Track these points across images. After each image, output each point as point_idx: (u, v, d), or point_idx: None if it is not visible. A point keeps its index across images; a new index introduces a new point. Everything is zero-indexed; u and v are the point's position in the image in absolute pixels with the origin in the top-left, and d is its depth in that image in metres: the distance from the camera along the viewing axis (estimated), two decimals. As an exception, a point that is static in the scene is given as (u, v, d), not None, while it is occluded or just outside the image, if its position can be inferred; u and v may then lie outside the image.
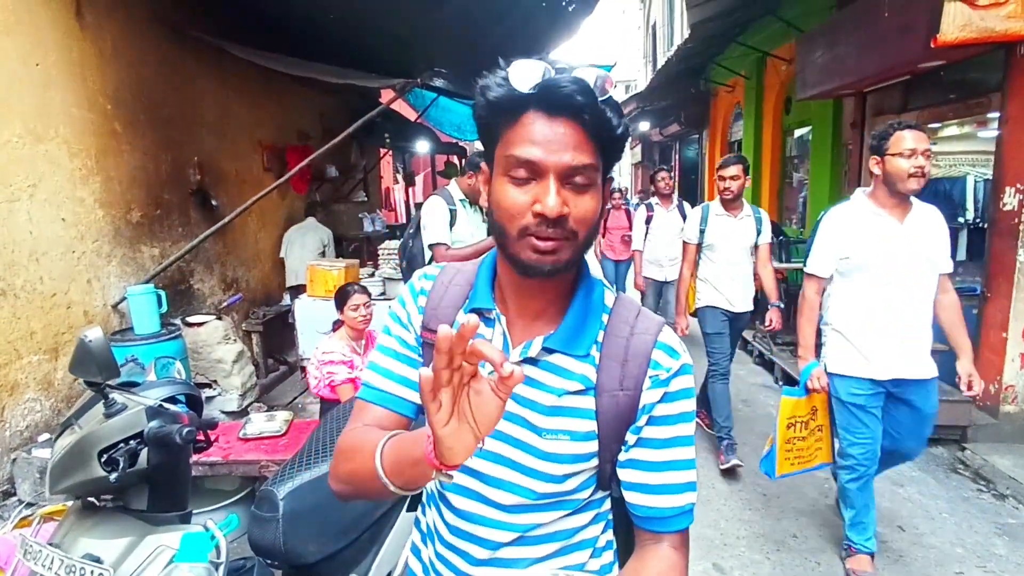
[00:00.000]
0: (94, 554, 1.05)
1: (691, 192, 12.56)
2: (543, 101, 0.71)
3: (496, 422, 0.62)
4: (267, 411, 3.22)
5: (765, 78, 7.82)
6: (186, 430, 1.03)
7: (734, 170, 3.34)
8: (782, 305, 3.62)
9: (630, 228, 5.64)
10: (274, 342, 5.04)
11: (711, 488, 3.29)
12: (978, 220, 4.87)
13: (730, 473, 3.42)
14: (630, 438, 0.81)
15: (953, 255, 2.41)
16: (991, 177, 4.02)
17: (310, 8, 3.89)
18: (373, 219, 7.31)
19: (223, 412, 3.80)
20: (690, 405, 0.83)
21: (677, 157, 13.71)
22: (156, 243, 3.82)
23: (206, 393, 3.62)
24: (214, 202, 4.33)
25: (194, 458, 2.49)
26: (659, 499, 0.81)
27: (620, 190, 7.84)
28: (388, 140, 6.49)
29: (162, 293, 3.32)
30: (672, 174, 14.60)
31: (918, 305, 2.31)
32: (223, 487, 2.90)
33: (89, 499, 1.18)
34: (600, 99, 0.71)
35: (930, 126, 5.12)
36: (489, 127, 0.77)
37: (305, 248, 5.27)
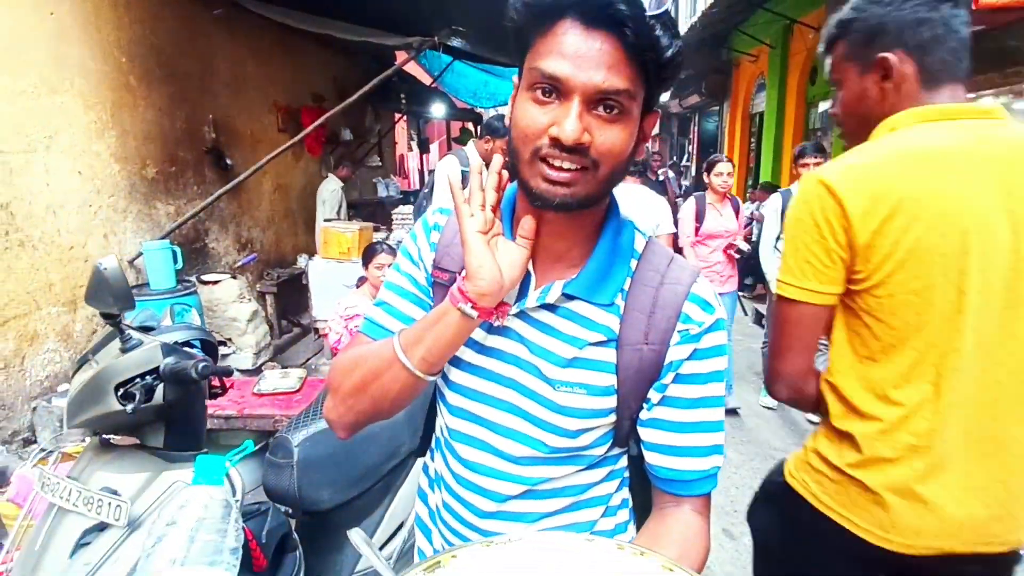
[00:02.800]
0: (111, 487, 1.06)
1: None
2: (581, 7, 0.61)
3: (520, 269, 0.66)
4: (282, 369, 3.25)
5: (791, 46, 7.59)
6: (202, 364, 1.02)
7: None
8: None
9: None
10: (288, 304, 5.06)
11: (724, 459, 3.28)
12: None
13: (731, 414, 3.52)
14: (654, 396, 0.74)
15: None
16: None
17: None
18: (387, 184, 7.27)
19: (238, 370, 3.84)
20: (722, 363, 0.75)
21: (696, 129, 13.46)
22: (171, 200, 3.82)
23: (221, 351, 3.66)
24: (229, 161, 4.31)
25: (209, 410, 2.53)
26: (683, 461, 0.74)
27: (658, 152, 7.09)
28: (404, 101, 6.40)
29: (178, 249, 3.33)
30: (690, 149, 14.23)
31: None
32: (238, 441, 2.93)
33: (106, 437, 1.18)
34: (650, 13, 0.60)
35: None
36: (520, 33, 0.67)
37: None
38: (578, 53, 0.61)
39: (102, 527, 1.04)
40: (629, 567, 0.60)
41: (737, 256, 3.69)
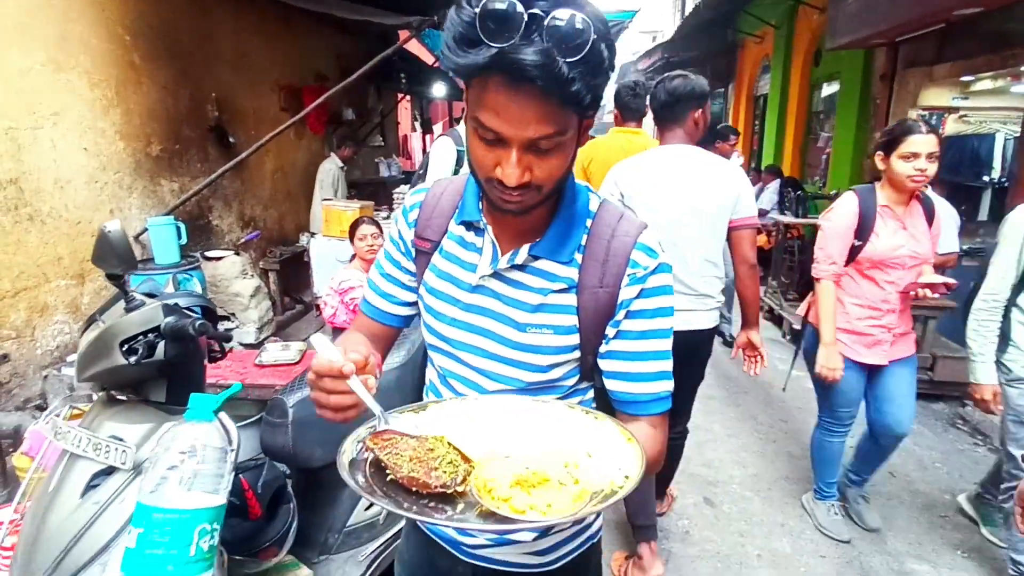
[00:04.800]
0: (118, 435, 1.15)
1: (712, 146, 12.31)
2: (505, 70, 0.67)
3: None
4: (283, 342, 3.35)
5: (796, 27, 7.54)
6: (199, 323, 1.11)
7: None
8: None
9: None
10: (290, 281, 5.16)
11: (707, 431, 3.38)
12: (1003, 179, 4.75)
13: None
14: (610, 331, 0.87)
15: (975, 216, 2.35)
16: (1020, 133, 3.90)
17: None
18: (389, 164, 7.32)
19: (241, 344, 3.95)
20: (667, 301, 0.87)
21: (701, 112, 13.35)
22: (176, 177, 3.90)
23: (225, 325, 3.76)
24: (232, 139, 4.38)
25: (213, 379, 2.63)
26: (637, 386, 0.87)
27: None
28: (404, 81, 6.42)
29: (182, 225, 3.41)
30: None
31: None
32: (242, 411, 3.04)
33: (113, 392, 1.28)
34: (569, 62, 0.66)
35: (963, 79, 4.95)
36: (461, 79, 0.76)
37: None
38: (509, 112, 0.70)
39: (110, 471, 1.13)
40: (587, 423, 0.76)
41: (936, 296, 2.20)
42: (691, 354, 2.12)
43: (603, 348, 0.88)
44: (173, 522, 0.80)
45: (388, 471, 0.67)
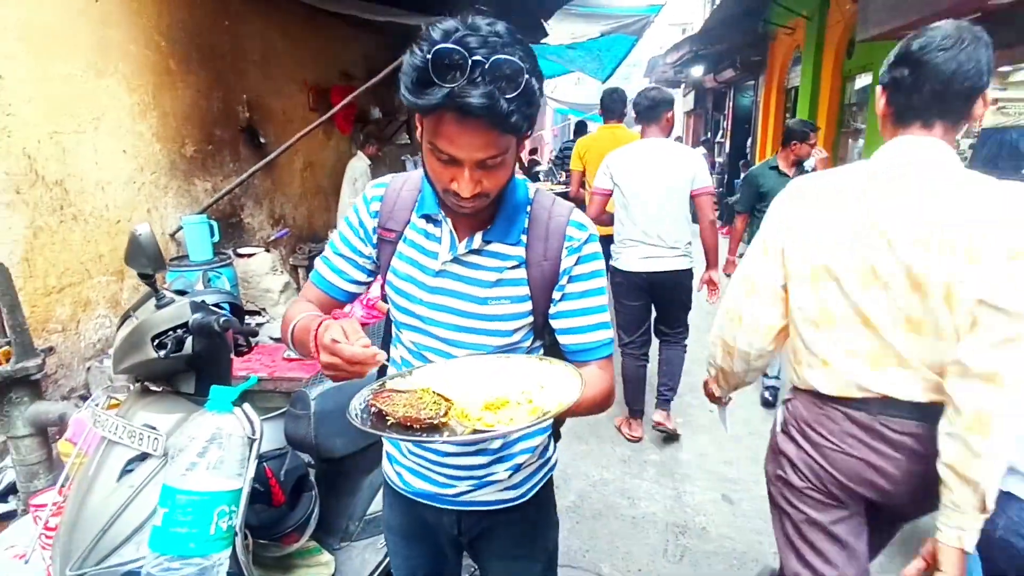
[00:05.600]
0: (151, 424, 1.23)
1: (742, 143, 12.11)
2: (454, 108, 0.80)
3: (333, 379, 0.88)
4: (310, 337, 3.46)
5: (828, 18, 7.37)
6: (223, 319, 1.18)
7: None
8: None
9: None
10: (319, 277, 5.27)
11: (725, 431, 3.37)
12: (1044, 172, 4.58)
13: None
14: (556, 295, 1.04)
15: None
16: (1061, 125, 3.76)
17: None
18: (415, 161, 7.41)
19: (271, 338, 4.08)
20: (599, 264, 1.06)
21: (731, 105, 13.16)
22: (209, 177, 4.04)
23: (256, 320, 3.89)
24: (262, 139, 4.51)
25: (243, 372, 2.74)
26: (584, 336, 1.05)
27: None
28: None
29: (215, 223, 3.54)
30: (724, 125, 13.92)
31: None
32: (271, 403, 3.16)
33: (146, 383, 1.36)
34: (507, 98, 0.79)
35: (1000, 69, 4.79)
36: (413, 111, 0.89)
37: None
38: (460, 140, 0.85)
39: (143, 457, 1.22)
40: (541, 367, 0.93)
41: None
42: (673, 287, 3.08)
43: (552, 310, 1.05)
44: (195, 503, 0.87)
45: (388, 417, 0.83)
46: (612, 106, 3.83)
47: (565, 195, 5.06)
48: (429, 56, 0.78)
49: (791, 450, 1.34)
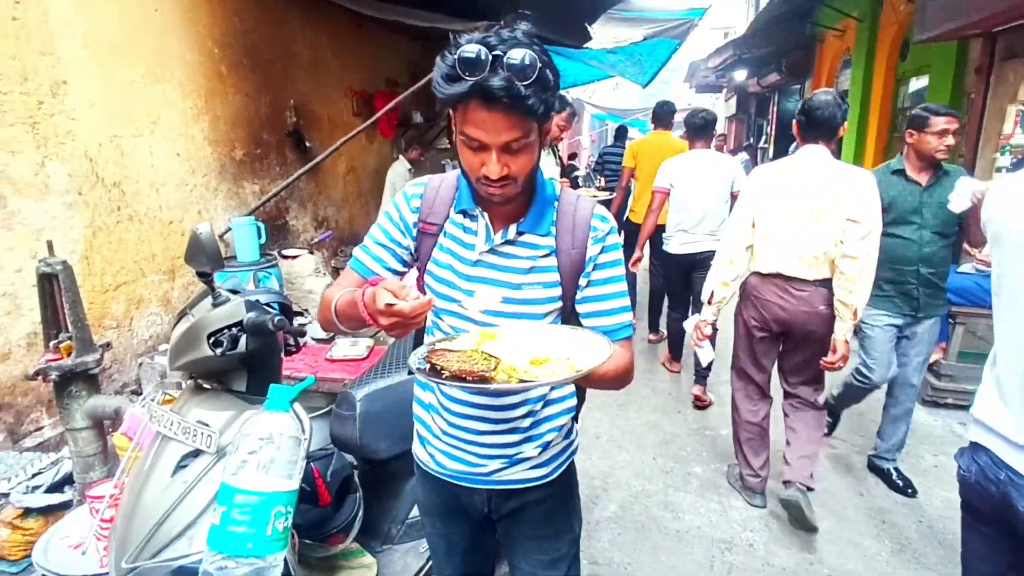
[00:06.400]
0: (204, 421, 1.25)
1: (787, 149, 11.80)
2: (480, 95, 0.93)
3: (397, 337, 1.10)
4: (352, 338, 3.49)
5: (881, 19, 7.13)
6: (277, 318, 1.19)
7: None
8: None
9: None
10: (360, 280, 5.34)
11: (774, 440, 3.26)
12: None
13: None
14: (583, 282, 1.14)
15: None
16: None
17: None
18: (455, 165, 7.43)
19: (314, 339, 4.14)
20: (619, 254, 1.17)
21: (775, 109, 12.85)
22: (256, 180, 4.14)
23: (299, 320, 3.96)
24: (308, 144, 4.60)
25: (287, 372, 2.78)
26: (607, 319, 1.15)
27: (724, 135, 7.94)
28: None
29: (262, 225, 3.61)
30: (768, 130, 13.60)
31: None
32: (314, 403, 3.20)
33: (200, 380, 1.38)
34: (524, 87, 0.91)
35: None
36: (450, 108, 1.01)
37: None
38: (486, 124, 0.96)
39: (196, 453, 1.23)
40: (575, 334, 1.04)
41: None
42: (705, 264, 3.30)
43: (579, 295, 1.15)
44: (253, 503, 0.86)
45: (443, 370, 0.90)
46: (663, 116, 4.72)
47: (607, 203, 5.03)
48: (456, 56, 0.92)
49: (748, 303, 2.58)
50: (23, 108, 2.55)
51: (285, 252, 4.15)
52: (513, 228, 1.12)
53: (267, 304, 1.49)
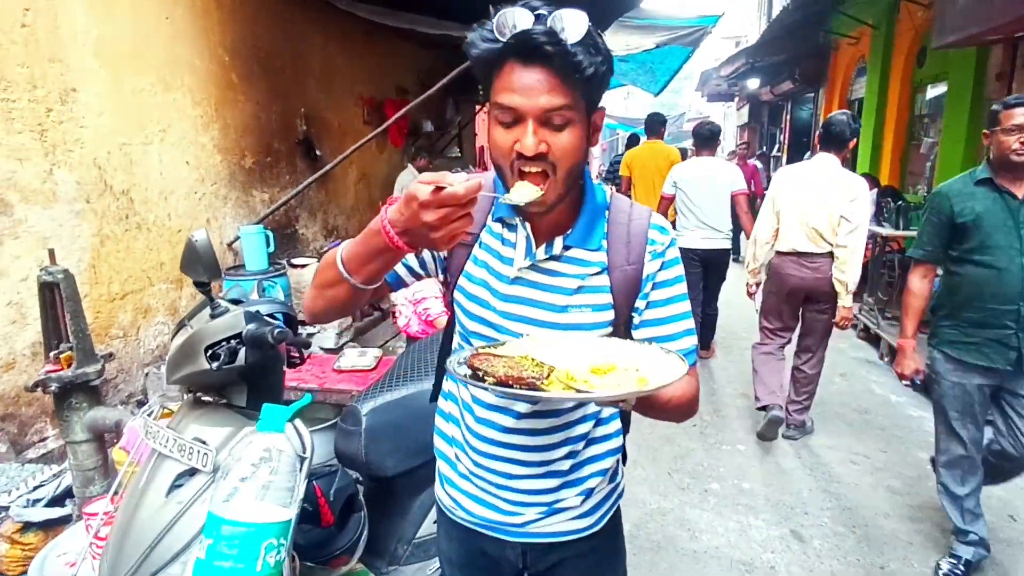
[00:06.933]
0: (201, 438, 1.19)
1: (801, 158, 11.69)
2: (517, 51, 0.80)
3: (447, 245, 0.77)
4: (360, 348, 3.44)
5: (897, 26, 7.03)
6: (277, 331, 1.13)
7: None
8: None
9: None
10: (369, 289, 5.31)
11: (795, 457, 3.15)
12: None
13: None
14: (640, 304, 0.98)
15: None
16: None
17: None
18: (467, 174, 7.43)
19: (321, 348, 4.09)
20: (680, 269, 1.01)
21: (788, 118, 12.75)
22: (266, 188, 4.11)
23: (307, 330, 3.91)
24: (318, 152, 4.57)
25: (293, 383, 2.72)
26: (670, 345, 0.95)
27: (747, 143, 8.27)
28: (482, 92, 6.49)
29: (270, 234, 3.58)
30: (781, 138, 13.54)
31: None
32: (320, 415, 3.14)
33: (198, 394, 1.32)
34: (571, 43, 0.78)
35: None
36: (482, 79, 0.87)
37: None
38: (523, 86, 0.81)
39: (192, 472, 1.17)
40: (642, 348, 0.88)
41: None
42: (716, 262, 4.34)
43: (636, 319, 0.99)
44: (241, 535, 0.80)
45: (488, 377, 0.77)
46: (654, 127, 5.13)
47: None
48: (494, 18, 0.80)
49: (772, 278, 3.29)
50: (31, 115, 2.53)
51: (294, 261, 4.11)
52: (559, 241, 0.96)
53: (271, 314, 1.43)
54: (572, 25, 0.78)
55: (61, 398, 1.84)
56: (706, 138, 4.33)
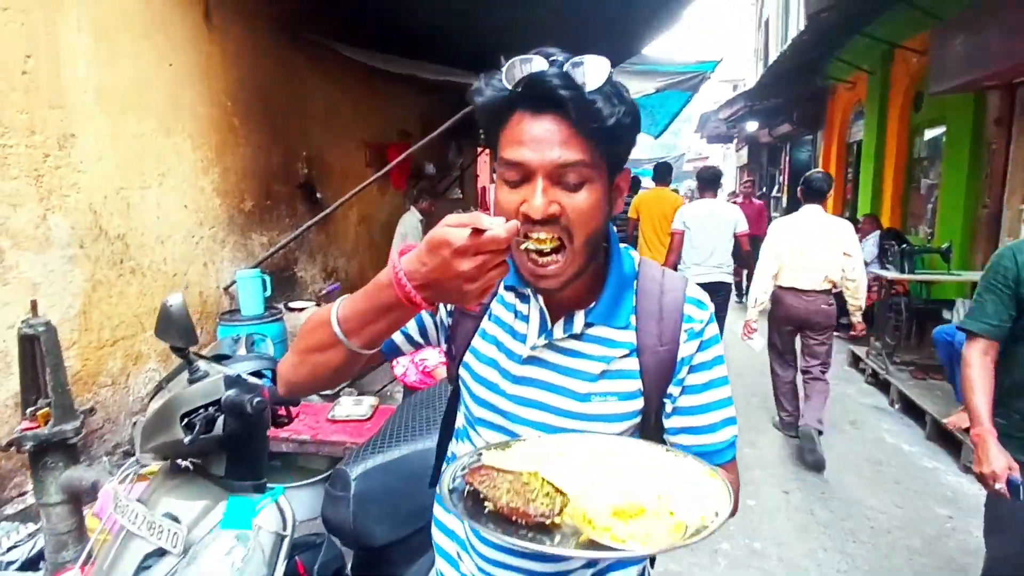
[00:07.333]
0: (173, 513, 1.10)
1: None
2: (527, 98, 0.71)
3: (479, 299, 0.66)
4: (356, 396, 3.34)
5: (892, 72, 7.14)
6: (256, 399, 1.05)
7: None
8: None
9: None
10: (368, 331, 5.22)
11: (807, 512, 3.01)
12: None
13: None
14: (674, 390, 0.85)
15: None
16: None
17: (413, 7, 4.00)
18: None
19: (318, 395, 3.99)
20: (720, 349, 0.88)
21: (787, 159, 12.88)
22: (265, 231, 4.08)
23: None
24: (319, 195, 4.57)
25: (285, 433, 2.62)
26: (707, 437, 0.86)
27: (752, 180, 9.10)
28: (484, 135, 6.55)
29: (267, 278, 3.53)
30: (780, 179, 13.65)
31: None
32: (314, 465, 3.03)
33: (176, 461, 1.24)
34: (589, 89, 0.69)
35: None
36: (488, 134, 0.78)
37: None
38: (533, 137, 0.71)
39: (162, 552, 1.08)
40: (671, 460, 0.75)
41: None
42: (719, 292, 4.35)
43: (669, 407, 0.87)
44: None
45: (487, 502, 0.68)
46: (663, 174, 5.66)
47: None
48: (504, 66, 0.72)
49: (777, 308, 3.72)
50: (28, 161, 2.51)
51: (292, 304, 4.05)
52: (580, 317, 0.83)
53: (259, 371, 1.36)
54: (591, 70, 0.69)
55: (36, 457, 1.74)
56: (709, 181, 4.68)
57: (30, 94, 2.51)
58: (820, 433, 3.56)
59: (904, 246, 5.12)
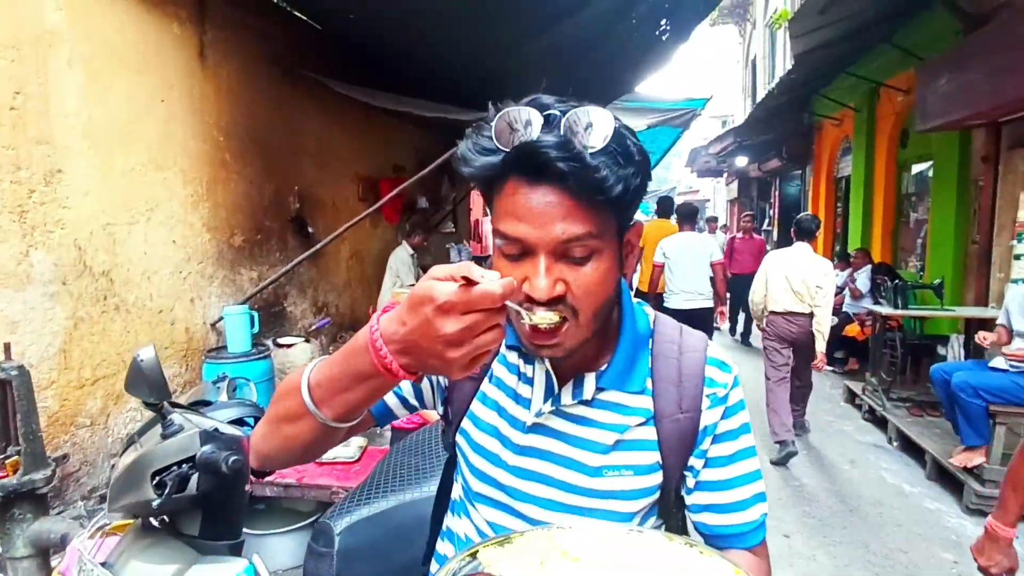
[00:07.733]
0: (141, 579, 1.02)
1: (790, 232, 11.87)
2: (522, 165, 0.63)
3: (465, 369, 0.56)
4: (344, 436, 3.26)
5: (878, 110, 7.28)
6: (233, 458, 0.98)
7: None
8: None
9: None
10: (358, 367, 5.14)
11: (809, 559, 2.92)
12: None
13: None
14: (696, 463, 0.78)
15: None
16: None
17: (407, 45, 4.05)
18: (460, 249, 7.43)
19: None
20: (747, 416, 0.81)
21: (777, 194, 13.04)
22: (255, 266, 4.03)
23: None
24: (310, 229, 4.54)
25: (271, 478, 2.53)
26: (734, 516, 0.78)
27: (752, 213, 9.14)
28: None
29: (255, 314, 3.47)
30: (771, 213, 13.77)
31: None
32: (300, 508, 2.92)
33: (147, 518, 1.16)
34: (592, 152, 0.61)
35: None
36: (483, 194, 0.71)
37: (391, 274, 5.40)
38: (531, 212, 0.63)
39: (127, 623, 1.00)
40: (693, 558, 0.64)
41: None
42: (700, 318, 4.73)
43: (691, 482, 0.79)
44: None
45: None
46: (665, 209, 6.12)
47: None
48: (494, 120, 0.64)
49: (768, 328, 4.34)
50: (12, 197, 2.46)
51: (280, 340, 3.98)
52: (590, 381, 0.76)
53: (239, 419, 1.29)
54: (593, 130, 0.62)
55: (3, 508, 1.65)
56: (688, 215, 5.23)
57: (17, 130, 2.48)
58: (798, 435, 4.29)
59: (897, 281, 5.13)
